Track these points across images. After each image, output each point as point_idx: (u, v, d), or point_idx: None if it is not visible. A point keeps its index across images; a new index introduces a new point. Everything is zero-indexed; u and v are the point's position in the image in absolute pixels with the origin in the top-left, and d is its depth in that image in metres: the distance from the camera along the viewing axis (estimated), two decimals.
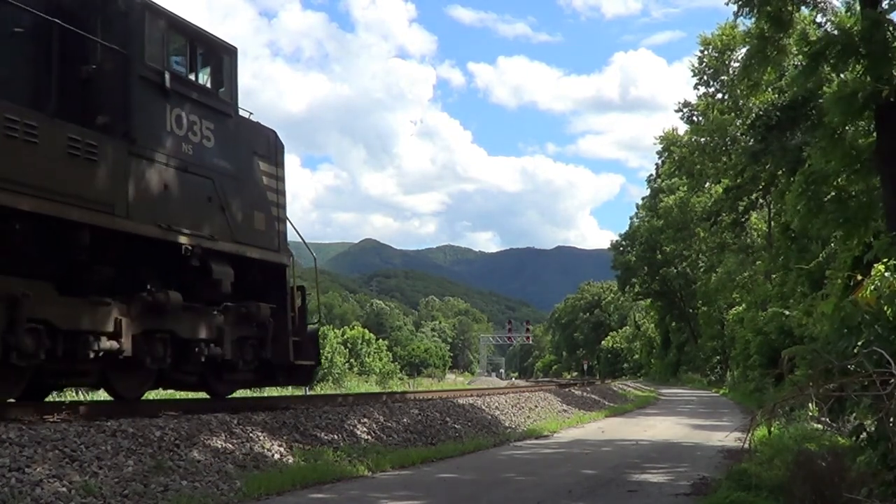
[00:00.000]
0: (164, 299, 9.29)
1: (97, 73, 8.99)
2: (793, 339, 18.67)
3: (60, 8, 8.91)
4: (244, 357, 10.82)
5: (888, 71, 11.90)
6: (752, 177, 26.41)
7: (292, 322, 11.44)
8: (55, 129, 8.03)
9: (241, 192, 10.64)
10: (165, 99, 9.45)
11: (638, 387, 44.74)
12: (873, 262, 6.63)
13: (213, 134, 10.16)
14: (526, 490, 7.66)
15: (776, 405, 6.59)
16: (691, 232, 55.15)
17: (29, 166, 7.66)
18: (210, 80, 10.40)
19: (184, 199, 9.59)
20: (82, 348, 8.37)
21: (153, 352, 9.36)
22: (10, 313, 7.63)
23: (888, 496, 4.91)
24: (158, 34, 9.46)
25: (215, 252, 10.01)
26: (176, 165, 9.52)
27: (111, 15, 9.16)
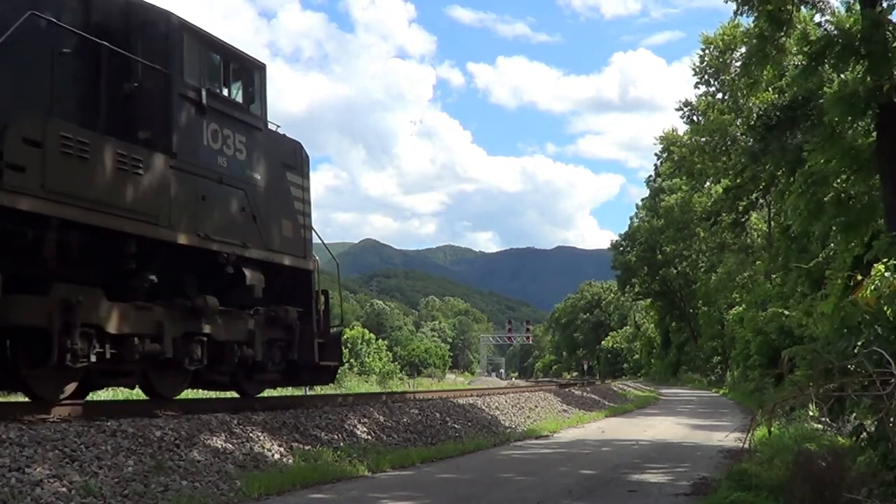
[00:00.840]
0: (202, 304, 9.83)
1: (138, 91, 9.50)
2: (793, 339, 18.66)
3: (102, 29, 9.38)
4: (273, 358, 11.33)
5: (888, 71, 11.90)
6: (752, 177, 26.39)
7: (317, 324, 11.98)
8: (105, 145, 8.52)
9: (270, 201, 11.16)
10: (202, 115, 9.98)
11: (638, 387, 44.75)
12: (873, 262, 6.63)
13: (245, 147, 10.72)
14: (526, 490, 7.66)
15: (776, 405, 6.60)
16: (691, 232, 55.17)
17: (82, 181, 8.14)
18: (242, 95, 10.93)
19: (219, 210, 10.14)
20: (128, 350, 8.92)
21: (191, 353, 9.85)
22: (65, 318, 8.11)
23: (888, 496, 4.91)
24: (195, 54, 10.03)
25: (248, 259, 10.55)
26: (212, 177, 10.04)
27: (152, 36, 9.67)
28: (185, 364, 9.83)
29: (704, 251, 56.17)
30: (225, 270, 10.15)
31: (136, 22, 9.76)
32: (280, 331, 11.40)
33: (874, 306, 5.72)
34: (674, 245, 60.62)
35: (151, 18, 9.80)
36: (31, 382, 8.52)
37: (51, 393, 8.59)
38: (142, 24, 9.75)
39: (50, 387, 8.59)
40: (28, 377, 8.40)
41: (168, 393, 10.13)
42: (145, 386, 10.18)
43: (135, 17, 9.81)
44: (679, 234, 57.36)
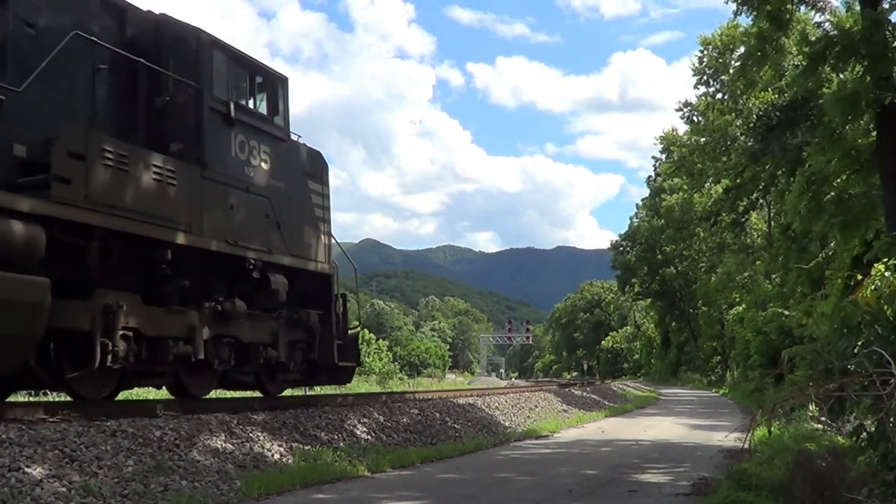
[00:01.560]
0: (231, 308, 10.34)
1: (170, 104, 9.95)
2: (793, 339, 18.64)
3: (136, 44, 9.80)
4: (295, 359, 11.83)
5: (888, 71, 11.89)
6: (752, 177, 26.37)
7: (336, 326, 12.45)
8: (143, 158, 8.98)
9: (293, 209, 11.67)
10: (230, 127, 10.47)
11: (638, 387, 44.74)
12: (873, 262, 6.62)
13: (269, 157, 11.22)
14: (526, 490, 7.66)
15: (776, 405, 6.60)
16: (691, 232, 55.16)
17: (122, 192, 8.61)
18: (266, 107, 11.41)
19: (246, 217, 10.63)
20: (163, 352, 9.40)
21: (220, 355, 10.36)
22: (107, 322, 8.57)
23: (888, 496, 4.91)
24: (224, 68, 10.53)
25: (273, 264, 11.07)
26: (240, 187, 10.55)
27: (183, 51, 10.13)
28: (215, 365, 10.31)
29: (704, 251, 56.15)
30: (251, 275, 10.66)
31: (168, 38, 10.21)
32: (301, 332, 11.87)
33: (874, 306, 5.72)
34: (674, 245, 60.61)
35: (182, 35, 10.26)
36: (73, 383, 8.85)
37: (92, 393, 9.01)
38: (173, 39, 10.21)
39: (91, 387, 9.00)
40: (71, 378, 8.70)
41: (197, 393, 10.52)
42: (174, 386, 10.56)
43: (166, 32, 10.26)
44: (679, 234, 57.36)
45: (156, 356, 9.35)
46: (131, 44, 9.75)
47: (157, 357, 9.38)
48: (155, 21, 10.32)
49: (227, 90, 10.51)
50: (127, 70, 9.65)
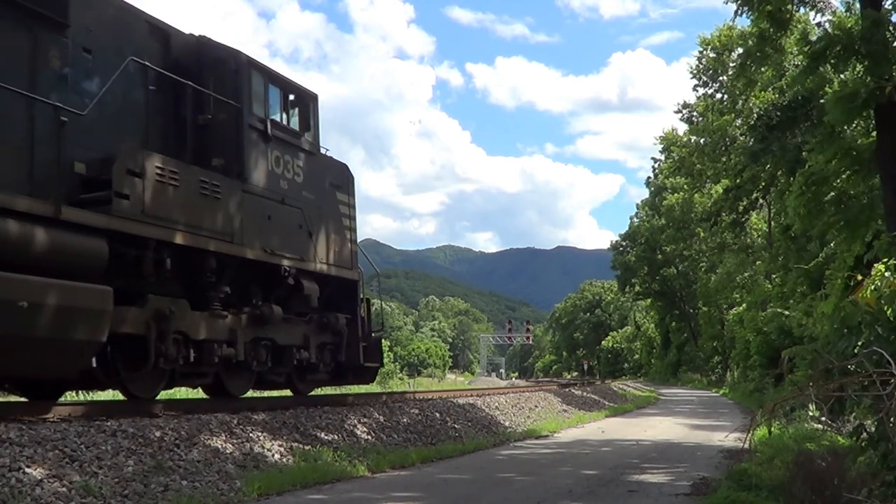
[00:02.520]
0: (269, 312, 11.01)
1: (211, 122, 10.59)
2: (793, 339, 18.65)
3: (179, 65, 10.44)
4: (324, 360, 12.48)
5: (888, 70, 11.89)
6: (752, 177, 26.36)
7: (361, 329, 13.17)
8: (191, 174, 9.65)
9: (323, 219, 12.40)
10: (267, 143, 11.16)
11: (638, 387, 44.74)
12: (873, 262, 6.61)
13: (301, 170, 11.92)
14: (526, 490, 7.66)
15: (776, 405, 6.59)
16: (692, 231, 55.13)
17: (173, 206, 9.26)
18: (298, 123, 12.07)
19: (282, 228, 11.34)
20: (208, 354, 10.04)
21: (258, 356, 11.02)
22: (160, 326, 9.23)
23: (888, 497, 4.90)
24: (261, 87, 11.18)
25: (305, 271, 11.75)
26: (275, 199, 11.24)
27: (223, 72, 10.77)
28: (254, 366, 10.99)
29: (704, 251, 56.14)
30: (286, 281, 11.36)
31: (208, 59, 10.83)
32: (330, 335, 12.55)
33: (874, 306, 5.71)
34: (674, 245, 60.59)
35: (222, 56, 10.90)
36: (128, 384, 9.53)
37: (144, 392, 9.68)
38: (213, 60, 10.82)
39: (144, 387, 9.68)
40: (126, 379, 9.41)
41: (237, 392, 11.15)
42: (217, 386, 11.07)
43: (207, 54, 10.88)
44: (679, 234, 57.33)
45: (201, 358, 9.98)
46: (175, 65, 10.39)
47: (203, 359, 10.01)
48: (196, 43, 10.94)
49: (263, 108, 11.16)
50: (173, 90, 10.32)
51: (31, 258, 7.61)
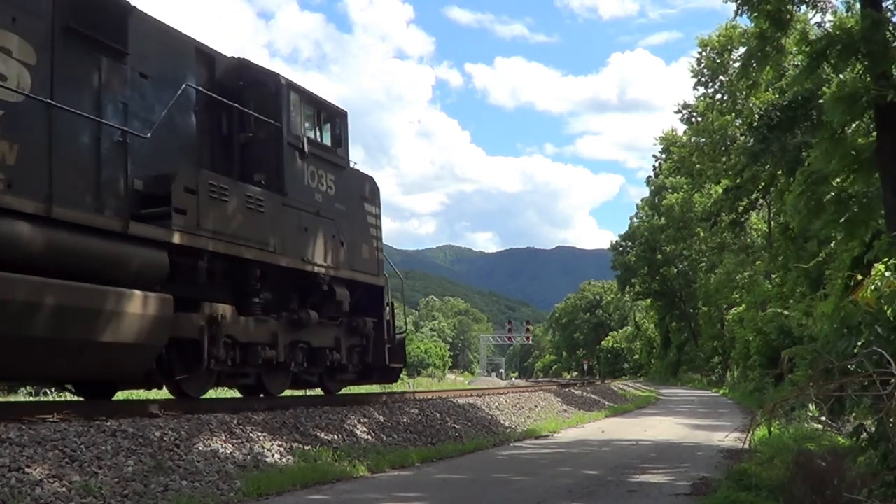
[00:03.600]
0: (306, 317, 11.77)
1: (253, 140, 11.39)
2: (793, 339, 18.66)
3: (222, 86, 11.19)
4: (352, 361, 13.28)
5: (888, 70, 11.88)
6: (752, 177, 26.36)
7: (386, 332, 13.97)
8: (238, 189, 10.45)
9: (353, 229, 13.22)
10: (303, 159, 11.93)
11: (638, 387, 44.73)
12: (873, 262, 6.61)
13: (334, 184, 12.70)
14: (526, 490, 7.66)
15: (776, 405, 6.59)
16: (692, 231, 55.14)
17: (223, 219, 10.03)
18: (330, 139, 12.86)
19: (317, 238, 12.12)
20: (252, 356, 10.80)
21: (296, 358, 11.80)
22: (212, 331, 9.95)
23: (888, 497, 4.90)
24: (297, 107, 11.96)
25: (337, 278, 12.54)
26: (311, 211, 12.03)
27: (264, 94, 11.54)
28: (291, 367, 11.73)
29: (704, 251, 56.14)
30: (321, 288, 12.19)
31: (249, 80, 11.56)
32: (358, 338, 13.39)
33: (874, 306, 5.71)
34: (674, 245, 60.60)
35: (262, 79, 11.69)
36: (182, 384, 10.18)
37: (195, 392, 10.39)
38: (254, 82, 11.58)
39: (195, 387, 10.37)
40: (181, 379, 10.08)
41: (275, 391, 11.82)
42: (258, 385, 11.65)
43: (247, 75, 11.63)
44: (679, 234, 57.33)
45: (246, 359, 10.73)
46: (219, 86, 11.16)
47: (248, 360, 10.76)
48: (237, 65, 11.72)
49: (300, 126, 11.96)
50: (219, 111, 11.09)
51: (104, 270, 8.41)
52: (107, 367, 8.92)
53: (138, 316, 8.58)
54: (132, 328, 8.54)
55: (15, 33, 8.03)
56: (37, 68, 8.23)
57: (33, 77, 8.18)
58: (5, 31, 7.94)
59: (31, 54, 8.19)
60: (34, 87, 8.16)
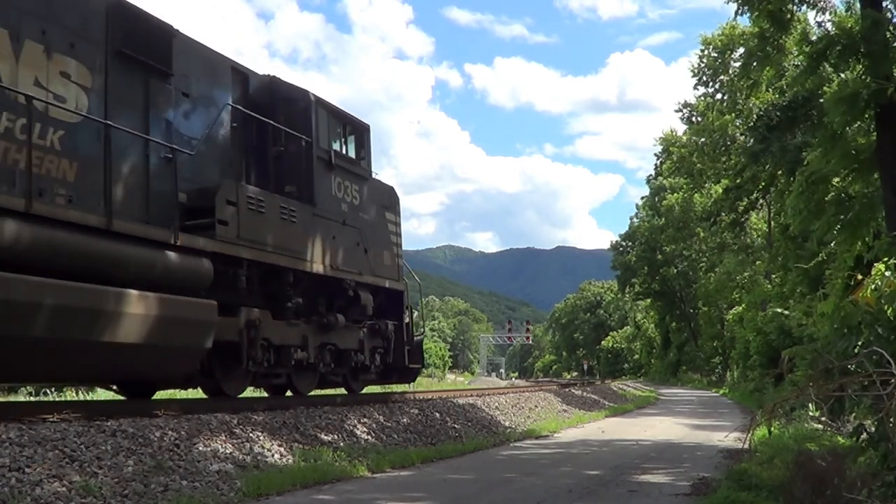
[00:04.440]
0: (334, 320, 12.44)
1: (284, 153, 12.01)
2: (793, 339, 18.64)
3: (255, 102, 11.83)
4: (374, 362, 13.91)
5: (888, 70, 11.87)
6: (752, 177, 26.36)
7: (406, 334, 14.72)
8: (274, 201, 11.08)
9: (375, 237, 13.90)
10: (331, 171, 12.59)
11: (638, 387, 44.73)
12: (873, 262, 6.61)
13: (358, 194, 13.40)
14: (526, 490, 7.66)
15: (776, 405, 6.60)
16: (692, 231, 55.12)
17: (260, 229, 10.69)
18: (354, 151, 13.51)
19: (343, 246, 12.81)
20: (285, 357, 11.42)
21: (324, 359, 12.46)
22: (250, 334, 10.61)
23: (888, 497, 4.90)
24: (325, 122, 12.61)
25: (362, 283, 13.21)
26: (338, 220, 12.70)
27: (294, 110, 12.16)
28: (320, 367, 12.38)
29: (704, 251, 56.13)
30: (347, 293, 12.84)
31: (280, 97, 12.21)
32: (380, 339, 14.04)
33: (874, 306, 5.71)
34: (674, 245, 60.58)
35: (293, 96, 12.32)
36: (223, 384, 10.80)
37: (235, 392, 11.01)
38: (285, 99, 12.22)
39: (235, 387, 10.99)
40: (221, 379, 10.72)
41: (304, 390, 12.36)
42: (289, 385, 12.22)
43: (278, 92, 12.27)
44: (679, 234, 57.31)
45: (279, 360, 11.34)
46: (252, 103, 11.76)
47: (281, 361, 11.37)
48: (269, 83, 12.35)
49: (328, 140, 12.57)
50: (254, 126, 11.73)
51: (157, 279, 8.98)
52: (159, 368, 9.61)
53: (188, 321, 9.26)
54: (183, 332, 9.20)
55: (73, 58, 8.66)
56: (92, 90, 8.86)
57: (89, 98, 8.81)
58: (64, 56, 8.55)
59: (88, 77, 8.83)
60: (90, 108, 8.78)
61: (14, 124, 7.87)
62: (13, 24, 8.04)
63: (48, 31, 8.36)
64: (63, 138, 8.37)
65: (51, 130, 8.26)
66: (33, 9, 8.26)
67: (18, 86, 7.95)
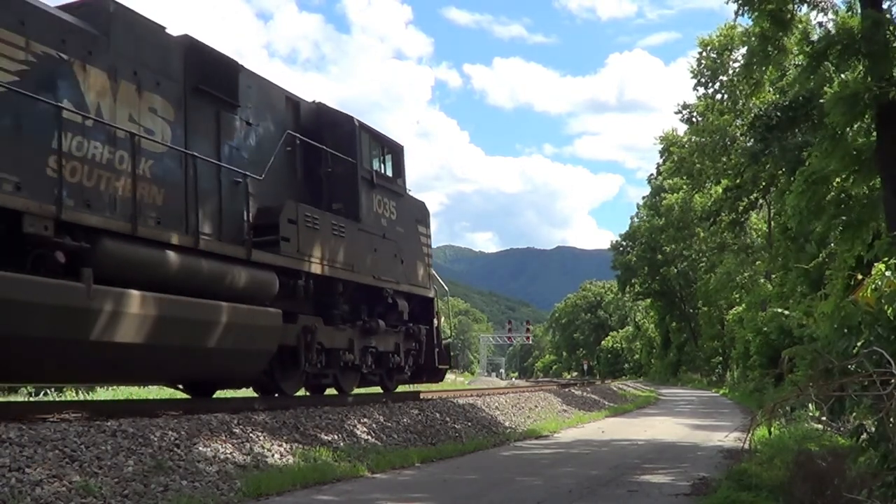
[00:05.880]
0: (375, 325, 13.61)
1: (331, 174, 13.07)
2: (793, 339, 18.61)
3: (304, 127, 12.89)
4: (408, 363, 15.06)
5: (889, 70, 11.87)
6: (752, 177, 26.35)
7: (436, 337, 15.94)
8: (326, 218, 12.24)
9: (409, 249, 15.07)
10: (372, 189, 13.77)
11: (638, 387, 44.71)
12: (874, 261, 6.60)
13: (395, 210, 14.60)
14: (526, 490, 7.66)
15: (776, 405, 6.60)
16: (692, 231, 55.08)
17: (316, 244, 11.83)
18: (392, 170, 14.70)
19: (383, 257, 13.95)
20: (334, 359, 12.57)
21: (366, 360, 13.57)
22: (307, 339, 11.72)
23: (889, 497, 4.90)
24: (367, 145, 13.80)
25: (399, 291, 14.41)
26: (378, 234, 13.86)
27: (340, 134, 13.27)
28: (363, 368, 13.47)
29: (704, 251, 56.10)
30: (386, 300, 14.03)
31: (327, 122, 13.37)
32: (413, 342, 15.19)
33: (874, 306, 5.70)
34: (674, 245, 60.53)
35: (339, 121, 13.48)
36: (282, 384, 11.83)
37: (292, 391, 12.07)
38: (331, 123, 13.36)
39: (291, 386, 12.06)
40: (280, 380, 11.75)
41: (348, 389, 13.41)
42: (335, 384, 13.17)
43: (324, 117, 13.45)
44: (679, 234, 57.27)
45: (329, 362, 12.44)
46: (303, 128, 12.84)
47: (330, 363, 12.48)
48: (316, 109, 13.48)
49: (369, 161, 13.78)
50: (306, 150, 12.75)
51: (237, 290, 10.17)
52: (238, 369, 10.80)
53: (262, 327, 10.51)
54: (258, 337, 10.46)
55: (159, 95, 9.75)
56: (174, 123, 9.93)
57: (172, 130, 9.88)
58: (152, 93, 9.63)
59: (170, 111, 9.90)
60: (173, 139, 9.85)
61: (114, 156, 8.95)
62: (111, 66, 9.08)
63: (139, 72, 9.46)
64: (152, 167, 9.46)
65: (143, 160, 9.33)
66: (126, 52, 9.33)
67: (116, 121, 8.99)
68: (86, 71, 8.74)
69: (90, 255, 8.28)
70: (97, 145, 8.73)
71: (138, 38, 9.53)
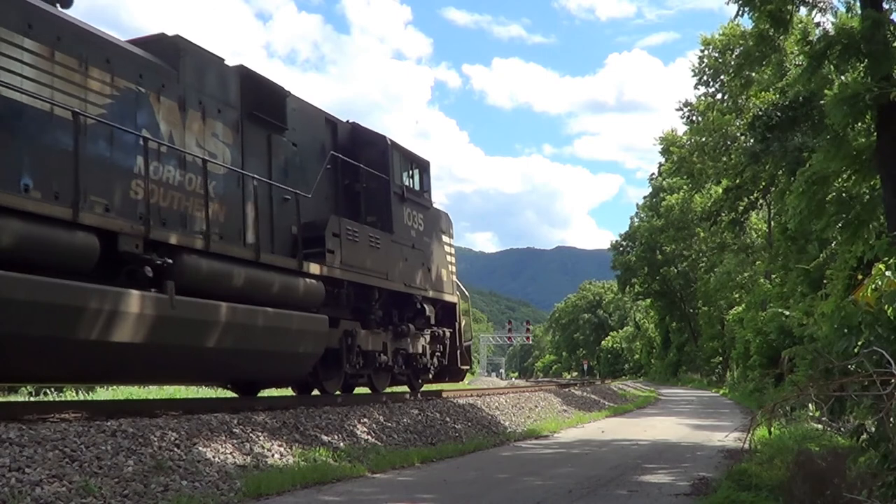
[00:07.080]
0: (406, 329, 14.65)
1: (365, 189, 14.14)
2: (793, 339, 18.64)
3: (341, 147, 13.86)
4: (433, 364, 16.10)
5: (889, 70, 11.86)
6: (752, 177, 26.33)
7: (459, 339, 16.96)
8: (364, 231, 13.27)
9: (435, 257, 16.12)
10: (402, 203, 14.84)
11: (638, 387, 44.72)
12: (874, 261, 6.60)
13: (422, 222, 15.65)
14: (526, 490, 7.66)
15: (776, 405, 6.59)
16: (692, 231, 55.07)
17: (356, 255, 12.84)
18: (418, 184, 15.76)
19: (413, 266, 14.99)
20: (370, 361, 13.55)
21: (397, 361, 14.54)
22: (347, 342, 12.73)
23: (889, 497, 4.90)
24: (399, 162, 14.82)
25: (426, 297, 15.51)
26: (408, 245, 14.87)
27: (374, 152, 14.32)
28: (394, 369, 14.46)
29: (704, 251, 56.09)
30: (416, 306, 15.12)
31: (361, 140, 14.40)
32: (438, 345, 16.27)
33: (874, 306, 5.70)
34: (674, 245, 60.52)
35: (372, 140, 14.54)
36: (325, 384, 12.76)
37: (333, 390, 12.93)
38: (365, 142, 14.40)
39: (333, 386, 12.94)
40: (324, 380, 12.70)
41: (381, 388, 14.39)
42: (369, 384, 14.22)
43: (358, 136, 14.49)
44: (679, 234, 57.26)
45: (366, 363, 13.37)
46: (340, 147, 13.83)
47: (367, 364, 13.43)
48: (351, 128, 14.47)
49: (400, 177, 14.77)
50: (344, 167, 13.79)
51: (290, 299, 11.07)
52: (290, 369, 11.71)
53: (312, 332, 11.42)
54: (308, 341, 11.36)
55: (220, 121, 10.71)
56: (232, 146, 10.87)
57: (231, 153, 10.81)
58: (214, 119, 10.59)
59: (230, 135, 10.87)
60: (231, 161, 10.77)
61: (185, 178, 9.90)
62: (181, 97, 10.03)
63: (203, 101, 10.40)
64: (215, 187, 10.40)
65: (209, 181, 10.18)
66: (193, 83, 10.28)
67: (185, 147, 9.91)
68: (160, 102, 9.71)
69: (172, 269, 9.15)
70: (170, 169, 9.71)
71: (202, 70, 10.53)
